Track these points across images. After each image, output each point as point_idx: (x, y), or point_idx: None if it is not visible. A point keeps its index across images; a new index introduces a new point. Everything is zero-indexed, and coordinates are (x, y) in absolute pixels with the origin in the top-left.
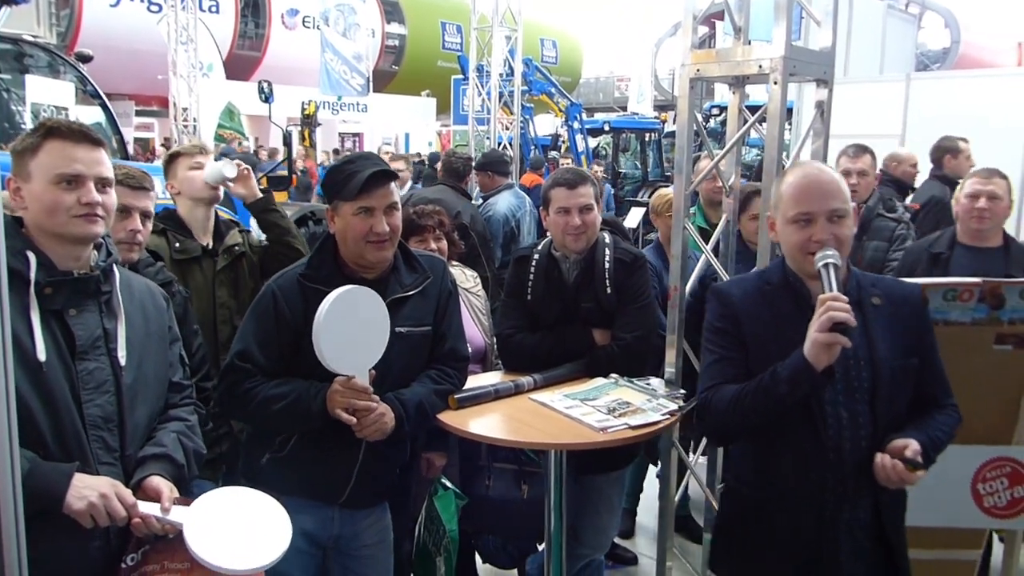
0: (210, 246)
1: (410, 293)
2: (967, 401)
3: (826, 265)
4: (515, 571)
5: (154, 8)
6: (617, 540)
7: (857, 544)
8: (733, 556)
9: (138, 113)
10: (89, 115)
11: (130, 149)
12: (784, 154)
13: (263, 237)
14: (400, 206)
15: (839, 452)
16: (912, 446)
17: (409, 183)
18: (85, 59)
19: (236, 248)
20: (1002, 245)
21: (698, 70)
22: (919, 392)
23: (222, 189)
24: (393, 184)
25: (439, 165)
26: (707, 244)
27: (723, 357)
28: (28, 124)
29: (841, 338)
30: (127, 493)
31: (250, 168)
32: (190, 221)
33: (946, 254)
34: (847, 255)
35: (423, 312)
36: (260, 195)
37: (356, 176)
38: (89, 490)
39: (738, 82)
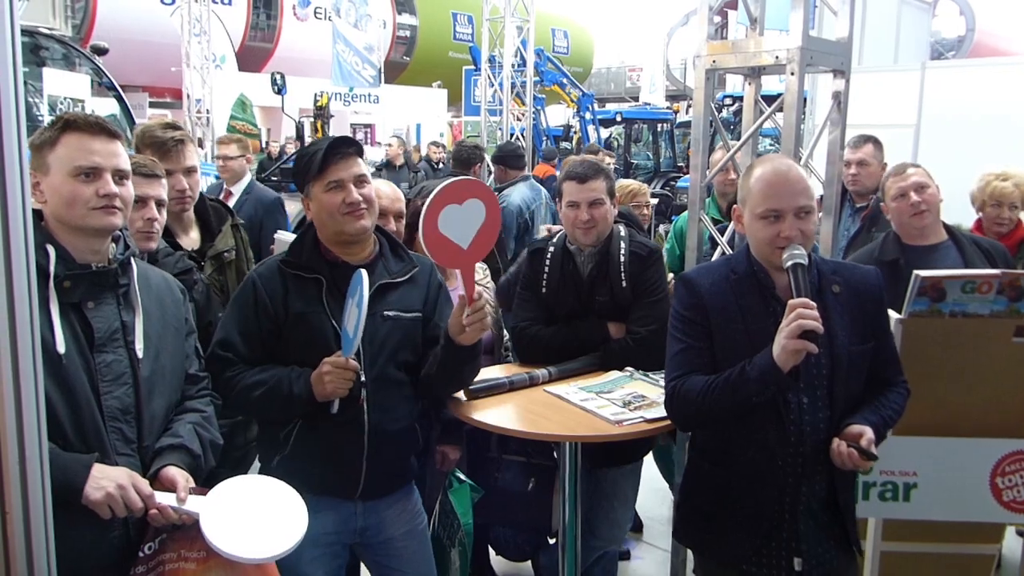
0: (196, 248)
1: (397, 280)
2: (986, 394)
3: (795, 267)
4: (528, 563)
5: (167, 0)
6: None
7: (814, 516)
8: (697, 528)
9: (152, 105)
10: (104, 107)
11: None
12: (800, 145)
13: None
14: (370, 179)
15: (800, 435)
16: (867, 435)
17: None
18: (101, 52)
19: (225, 255)
20: (948, 239)
21: (714, 61)
22: (873, 372)
23: (198, 188)
24: (360, 158)
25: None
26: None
27: (690, 347)
28: (45, 116)
29: (810, 345)
30: (144, 484)
31: None
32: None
33: (902, 260)
34: (811, 248)
35: (411, 299)
36: None
37: (318, 154)
38: (107, 481)
39: (754, 73)
